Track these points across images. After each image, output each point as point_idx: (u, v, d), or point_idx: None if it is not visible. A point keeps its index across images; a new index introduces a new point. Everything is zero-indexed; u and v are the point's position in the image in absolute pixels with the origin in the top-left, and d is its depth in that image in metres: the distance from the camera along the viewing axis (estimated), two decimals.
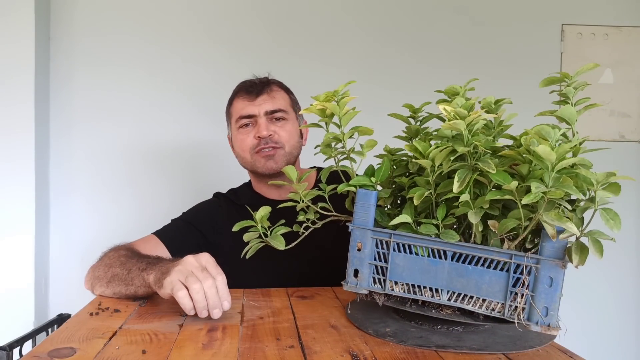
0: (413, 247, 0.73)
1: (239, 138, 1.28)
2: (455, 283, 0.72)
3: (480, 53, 2.06)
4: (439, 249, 0.72)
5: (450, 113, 0.68)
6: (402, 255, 0.74)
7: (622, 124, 2.10)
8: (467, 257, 0.71)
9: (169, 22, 1.93)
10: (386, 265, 0.75)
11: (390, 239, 0.74)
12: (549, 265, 0.67)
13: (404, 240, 0.73)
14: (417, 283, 0.74)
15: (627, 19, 2.11)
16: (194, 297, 0.82)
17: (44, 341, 0.75)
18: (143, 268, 0.96)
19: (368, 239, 0.75)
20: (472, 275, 0.71)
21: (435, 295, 0.73)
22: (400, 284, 0.75)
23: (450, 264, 0.72)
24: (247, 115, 1.26)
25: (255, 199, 1.31)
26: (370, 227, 0.75)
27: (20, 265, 1.75)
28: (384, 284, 0.75)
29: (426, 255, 0.73)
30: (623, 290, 2.12)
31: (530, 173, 0.66)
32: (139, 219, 1.91)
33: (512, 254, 0.69)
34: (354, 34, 2.01)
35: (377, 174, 0.78)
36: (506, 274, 0.69)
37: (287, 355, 0.69)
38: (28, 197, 1.75)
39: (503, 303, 0.70)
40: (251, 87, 1.29)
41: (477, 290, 0.71)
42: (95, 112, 1.90)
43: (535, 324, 0.68)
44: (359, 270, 0.76)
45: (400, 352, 0.71)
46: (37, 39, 1.76)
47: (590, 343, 2.02)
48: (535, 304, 0.68)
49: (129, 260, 1.03)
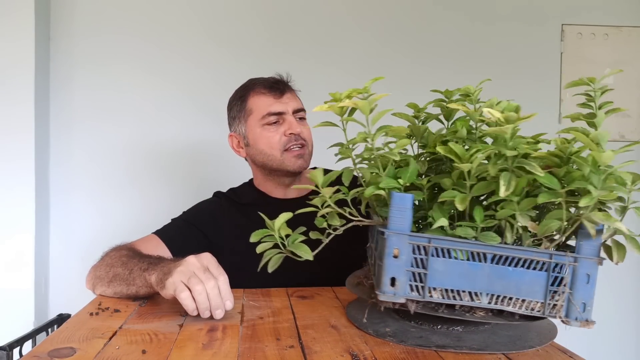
0: (452, 251, 0.71)
1: (266, 135, 1.24)
2: (495, 285, 0.71)
3: (481, 53, 2.06)
4: (479, 251, 0.70)
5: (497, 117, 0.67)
6: (442, 260, 0.71)
7: (622, 124, 2.10)
8: (506, 259, 0.71)
9: (169, 22, 1.93)
10: (425, 271, 0.71)
11: (429, 243, 0.70)
12: (587, 263, 0.70)
13: (444, 244, 0.70)
14: (456, 288, 0.71)
15: (627, 19, 2.11)
16: (196, 299, 0.83)
17: (44, 341, 0.75)
18: (145, 268, 0.96)
19: (405, 245, 0.70)
20: (512, 276, 0.71)
21: (474, 298, 0.71)
22: (438, 290, 0.72)
23: (490, 267, 0.70)
24: (277, 112, 1.24)
25: (259, 198, 1.31)
26: (407, 232, 0.70)
27: (20, 265, 1.75)
28: (422, 291, 0.71)
29: (465, 258, 0.71)
30: (623, 290, 2.12)
31: (568, 176, 0.68)
32: (139, 219, 1.91)
33: (551, 254, 0.70)
34: (354, 34, 2.01)
35: (404, 176, 0.74)
36: (545, 273, 0.70)
37: (287, 355, 0.69)
38: (28, 197, 1.75)
39: (543, 302, 0.71)
40: (276, 84, 1.27)
41: (517, 291, 0.71)
42: (95, 112, 1.90)
43: (575, 320, 0.70)
44: (396, 278, 0.71)
45: (400, 352, 0.71)
46: (37, 39, 1.76)
47: (590, 343, 2.01)
48: (574, 301, 0.70)
49: (131, 260, 1.03)
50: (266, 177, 1.31)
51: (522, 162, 0.67)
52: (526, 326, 0.81)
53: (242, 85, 1.33)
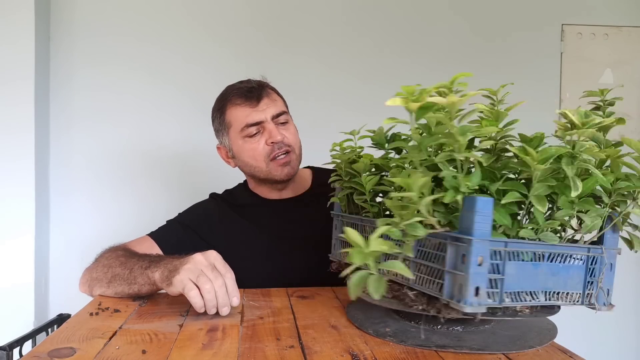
0: (520, 253, 0.71)
1: (248, 147, 1.22)
2: (548, 282, 0.74)
3: (481, 53, 2.06)
4: (541, 252, 0.73)
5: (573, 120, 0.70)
6: (514, 263, 0.70)
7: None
8: (558, 256, 0.75)
9: (169, 22, 1.93)
10: (502, 276, 0.69)
11: (505, 247, 0.69)
12: (611, 254, 0.78)
13: (516, 247, 0.70)
14: (522, 289, 0.71)
15: (627, 19, 2.11)
16: (205, 297, 0.84)
17: (44, 341, 0.75)
18: (146, 266, 0.97)
19: (487, 251, 0.67)
20: (561, 272, 0.75)
21: (533, 298, 0.73)
22: (509, 294, 0.70)
23: (547, 265, 0.74)
24: (255, 122, 1.20)
25: (255, 199, 1.31)
26: (490, 238, 0.67)
27: (20, 265, 1.75)
28: (497, 297, 0.69)
29: (529, 259, 0.72)
30: (623, 290, 2.11)
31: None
32: (139, 219, 1.91)
33: (589, 248, 0.76)
34: (353, 32, 2.01)
35: (472, 179, 0.69)
36: (584, 266, 0.76)
37: (287, 355, 0.69)
38: (28, 197, 1.75)
39: (581, 293, 0.76)
40: (249, 92, 1.22)
41: (564, 285, 0.75)
42: (95, 112, 1.90)
43: (603, 305, 0.78)
44: (479, 287, 0.67)
45: (400, 352, 0.71)
46: (37, 39, 1.76)
47: (590, 343, 2.01)
48: (602, 288, 0.77)
49: (129, 259, 1.03)
50: (258, 184, 1.30)
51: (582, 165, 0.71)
52: (526, 326, 0.81)
53: (220, 94, 1.30)
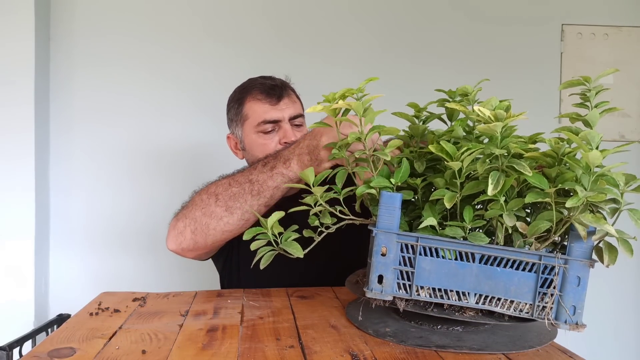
0: (440, 250, 0.71)
1: (261, 142, 1.22)
2: (483, 285, 0.71)
3: (481, 53, 2.06)
4: (467, 251, 0.71)
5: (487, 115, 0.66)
6: (429, 259, 0.71)
7: (622, 124, 2.10)
8: (495, 259, 0.70)
9: (169, 22, 1.93)
10: (412, 269, 0.72)
11: (417, 242, 0.71)
12: (577, 266, 0.69)
13: (432, 243, 0.71)
14: (443, 287, 0.72)
15: (627, 19, 2.11)
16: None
17: (44, 341, 0.75)
18: (271, 166, 0.96)
19: (393, 244, 0.71)
20: (500, 277, 0.70)
21: (462, 298, 0.71)
22: (425, 289, 0.72)
23: (478, 267, 0.71)
24: (272, 120, 1.21)
25: None
26: (395, 231, 0.71)
27: (20, 265, 1.75)
28: (409, 289, 0.72)
29: (453, 258, 0.71)
30: (623, 290, 2.12)
31: (560, 176, 0.66)
32: (139, 219, 1.91)
33: (541, 255, 0.69)
34: (355, 32, 2.01)
35: (396, 176, 0.75)
36: (535, 274, 0.70)
37: (287, 355, 0.69)
38: (28, 197, 1.75)
39: (531, 304, 0.70)
40: (272, 90, 1.23)
41: (505, 292, 0.70)
42: (95, 112, 1.90)
43: (564, 323, 0.70)
44: (383, 276, 0.72)
45: (400, 352, 0.71)
46: (37, 39, 1.76)
47: (590, 343, 2.02)
48: (563, 303, 0.69)
49: (235, 179, 0.99)
50: None
51: (512, 162, 0.66)
52: (526, 326, 0.81)
53: (241, 85, 1.31)
